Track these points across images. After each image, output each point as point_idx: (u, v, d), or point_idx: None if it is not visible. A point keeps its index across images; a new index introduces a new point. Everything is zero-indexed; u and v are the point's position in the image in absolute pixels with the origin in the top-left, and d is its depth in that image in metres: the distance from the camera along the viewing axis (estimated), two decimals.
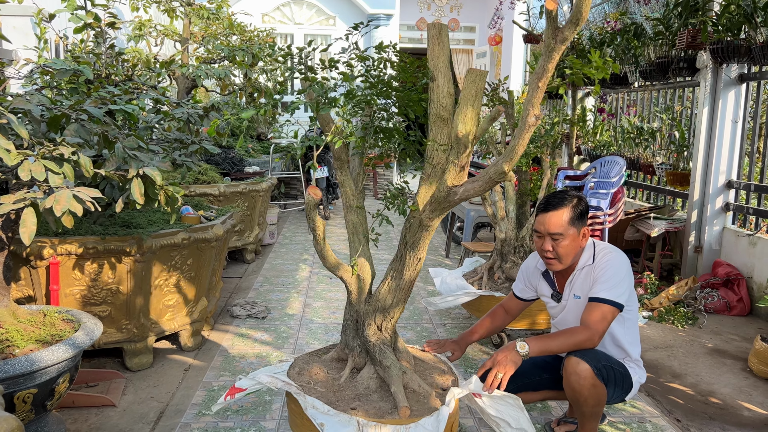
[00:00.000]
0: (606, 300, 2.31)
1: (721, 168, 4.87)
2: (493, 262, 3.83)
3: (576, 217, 2.40)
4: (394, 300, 2.19)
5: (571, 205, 2.40)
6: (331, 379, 2.21)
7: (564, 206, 2.40)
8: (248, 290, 4.86)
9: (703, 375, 3.45)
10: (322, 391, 2.13)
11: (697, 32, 4.61)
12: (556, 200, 2.43)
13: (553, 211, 2.40)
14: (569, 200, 2.42)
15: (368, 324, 2.21)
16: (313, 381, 2.19)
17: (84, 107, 2.33)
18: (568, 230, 2.39)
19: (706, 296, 4.51)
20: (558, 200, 2.42)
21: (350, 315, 2.29)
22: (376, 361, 2.18)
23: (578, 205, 2.42)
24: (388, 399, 2.08)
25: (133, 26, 5.41)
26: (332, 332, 3.95)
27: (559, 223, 2.38)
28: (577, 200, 2.43)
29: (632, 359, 2.49)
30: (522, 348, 2.21)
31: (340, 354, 2.34)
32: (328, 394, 2.12)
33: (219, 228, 3.59)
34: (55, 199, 1.87)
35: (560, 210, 2.39)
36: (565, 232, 2.39)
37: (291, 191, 9.51)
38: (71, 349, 2.26)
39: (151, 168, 2.30)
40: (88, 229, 3.14)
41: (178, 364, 3.45)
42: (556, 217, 2.39)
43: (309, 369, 2.27)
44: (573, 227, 2.39)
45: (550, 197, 2.46)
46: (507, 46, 11.42)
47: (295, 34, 11.71)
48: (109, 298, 3.18)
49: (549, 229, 2.40)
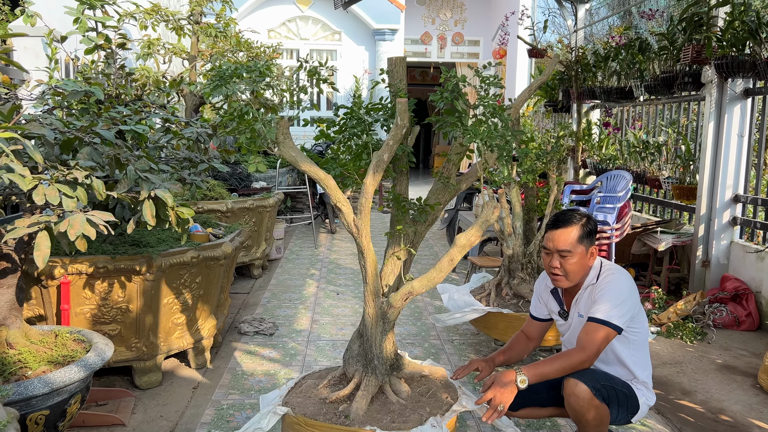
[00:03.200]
0: (602, 321, 2.30)
1: (727, 182, 4.87)
2: (501, 279, 3.84)
3: (584, 236, 2.42)
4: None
5: (580, 224, 2.42)
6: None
7: (573, 224, 2.42)
8: (256, 306, 4.87)
9: (713, 392, 3.43)
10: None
11: (702, 47, 4.63)
12: (565, 218, 2.45)
13: (562, 228, 2.42)
14: (579, 218, 2.44)
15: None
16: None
17: (96, 130, 2.37)
18: (576, 248, 2.40)
19: (714, 311, 4.49)
20: (567, 218, 2.44)
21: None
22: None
23: (587, 224, 2.44)
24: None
25: (142, 45, 5.47)
26: (340, 349, 3.95)
27: (568, 240, 2.40)
28: (586, 219, 2.45)
29: (639, 381, 2.48)
30: (522, 383, 2.20)
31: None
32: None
33: (227, 246, 3.61)
34: (69, 223, 1.89)
35: (569, 227, 2.41)
36: (573, 250, 2.40)
37: (297, 205, 9.55)
38: (83, 371, 2.28)
39: (162, 190, 2.32)
40: (98, 248, 3.17)
41: (187, 382, 3.46)
42: (565, 234, 2.41)
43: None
44: (581, 245, 2.41)
45: (560, 215, 2.49)
46: (511, 60, 11.48)
47: (301, 49, 11.80)
48: (118, 317, 3.20)
49: (557, 246, 2.41)
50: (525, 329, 2.75)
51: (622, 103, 6.57)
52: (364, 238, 2.20)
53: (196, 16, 5.82)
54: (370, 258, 2.23)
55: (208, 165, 3.49)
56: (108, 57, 3.68)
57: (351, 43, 11.73)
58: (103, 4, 3.54)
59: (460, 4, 13.13)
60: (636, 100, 6.26)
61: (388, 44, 11.46)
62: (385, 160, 2.16)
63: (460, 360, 3.81)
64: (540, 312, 2.71)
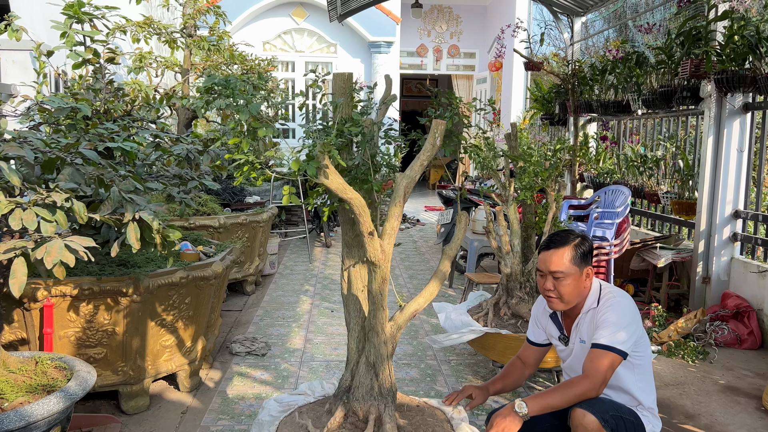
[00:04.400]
0: (607, 347, 2.22)
1: (727, 197, 4.81)
2: (499, 298, 3.75)
3: (578, 257, 2.34)
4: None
5: (573, 244, 2.34)
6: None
7: (566, 245, 2.34)
8: (248, 324, 4.77)
9: (717, 415, 3.34)
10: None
11: (701, 62, 4.58)
12: (558, 238, 2.37)
13: (554, 249, 2.34)
14: (572, 239, 2.36)
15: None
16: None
17: (79, 150, 2.28)
18: (569, 269, 2.32)
19: (716, 329, 4.41)
20: (561, 239, 2.37)
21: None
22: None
23: (581, 244, 2.36)
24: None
25: (134, 58, 5.40)
26: (334, 370, 3.85)
27: (561, 262, 2.32)
28: (580, 240, 2.37)
29: (645, 407, 2.40)
30: (520, 408, 2.13)
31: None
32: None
33: (218, 265, 3.52)
34: (46, 249, 1.80)
35: (562, 249, 2.33)
36: (567, 272, 2.32)
37: (292, 218, 9.45)
38: (63, 401, 2.18)
39: (147, 212, 2.23)
40: (83, 269, 3.07)
41: (175, 406, 3.35)
42: (557, 255, 2.33)
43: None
44: (575, 266, 2.33)
45: (554, 235, 2.41)
46: (507, 72, 11.45)
47: (296, 62, 11.76)
48: (104, 340, 3.10)
49: (550, 268, 2.34)
50: (521, 355, 2.66)
51: (619, 116, 6.52)
52: (387, 264, 2.12)
53: (189, 29, 5.76)
54: (386, 285, 2.16)
55: (199, 182, 3.41)
56: (96, 72, 3.60)
57: (347, 56, 11.69)
58: (91, 18, 3.46)
59: (456, 16, 13.13)
60: (633, 114, 6.21)
61: (384, 57, 11.43)
62: (415, 179, 2.09)
63: (457, 382, 3.71)
64: (538, 336, 2.62)
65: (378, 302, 2.13)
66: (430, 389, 3.60)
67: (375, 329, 2.15)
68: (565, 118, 7.53)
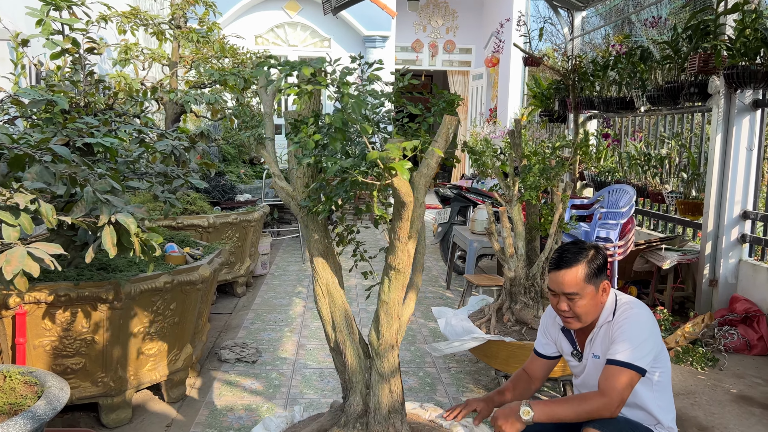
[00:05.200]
0: (624, 363, 2.04)
1: (735, 198, 4.64)
2: (502, 303, 3.56)
3: (593, 273, 2.14)
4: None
5: (586, 261, 2.14)
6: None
7: (579, 262, 2.14)
8: (238, 329, 4.57)
9: (732, 428, 3.17)
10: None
11: (710, 56, 4.41)
12: (569, 255, 2.16)
13: (566, 269, 2.14)
14: (584, 254, 2.16)
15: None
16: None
17: (50, 146, 2.08)
18: (584, 289, 2.13)
19: (725, 335, 4.24)
20: (572, 255, 2.16)
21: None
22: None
23: (595, 258, 2.16)
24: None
25: (119, 50, 5.17)
26: (328, 378, 3.66)
27: (574, 281, 2.13)
28: (593, 253, 2.18)
29: (664, 426, 2.22)
30: (526, 414, 1.97)
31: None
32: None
33: (206, 269, 3.32)
34: (5, 258, 1.60)
35: (575, 267, 2.13)
36: (582, 291, 2.13)
37: (285, 216, 9.24)
38: (30, 424, 1.97)
39: (124, 214, 2.03)
40: (60, 274, 2.86)
41: (159, 418, 3.15)
42: (570, 275, 2.13)
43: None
44: (590, 284, 2.14)
45: (563, 252, 2.20)
46: (504, 68, 11.27)
47: (289, 56, 11.52)
48: (83, 349, 2.89)
49: (563, 289, 2.14)
50: (528, 367, 2.47)
51: (621, 113, 6.34)
52: (410, 270, 1.95)
53: (178, 21, 5.54)
54: (403, 292, 1.99)
55: (185, 181, 3.20)
56: (75, 62, 3.38)
57: (341, 50, 11.47)
58: (70, 5, 3.24)
59: (452, 11, 12.93)
60: (636, 111, 6.03)
61: (379, 51, 11.22)
62: (431, 176, 1.88)
63: (458, 391, 3.53)
64: (547, 349, 2.44)
65: (394, 312, 1.94)
66: (430, 399, 3.42)
67: (389, 342, 1.96)
68: (565, 115, 7.35)
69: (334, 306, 2.03)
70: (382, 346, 1.93)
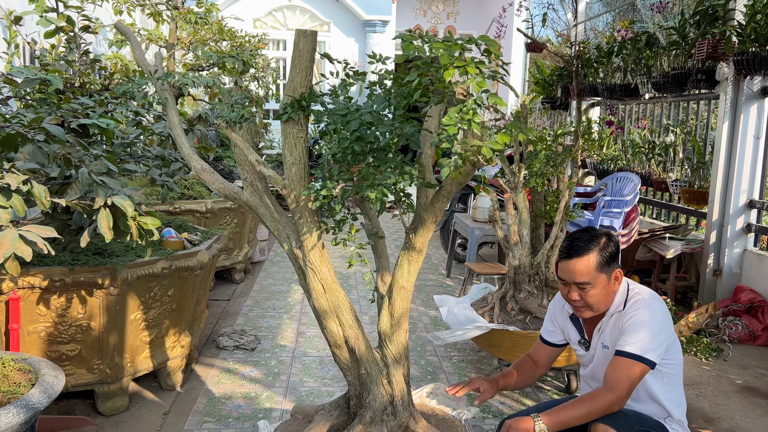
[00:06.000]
0: (632, 355, 1.98)
1: (742, 186, 4.58)
2: (506, 291, 3.50)
3: (605, 262, 2.06)
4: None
5: (598, 248, 2.06)
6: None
7: (590, 250, 2.05)
8: (236, 315, 4.50)
9: (738, 419, 3.14)
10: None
11: (718, 42, 4.32)
12: (580, 243, 2.08)
13: (577, 258, 2.05)
14: (596, 242, 2.07)
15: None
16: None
17: (43, 125, 1.99)
18: (596, 278, 2.05)
19: (729, 325, 4.20)
20: (583, 243, 2.07)
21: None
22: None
23: (607, 246, 2.08)
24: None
25: (116, 30, 5.05)
26: (328, 367, 3.61)
27: (586, 270, 2.05)
28: (605, 240, 2.09)
29: (675, 419, 2.16)
30: (540, 427, 1.90)
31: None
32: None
33: (204, 255, 3.24)
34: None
35: (586, 255, 2.05)
36: (594, 281, 2.05)
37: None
38: (23, 413, 1.91)
39: (121, 197, 1.96)
40: (54, 259, 2.78)
41: (156, 406, 3.10)
42: (581, 264, 2.05)
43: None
44: (602, 273, 2.06)
45: (575, 239, 2.11)
46: (506, 54, 11.14)
47: (288, 40, 11.38)
48: (78, 336, 2.83)
49: (574, 278, 2.07)
50: (533, 353, 2.41)
51: (625, 100, 6.26)
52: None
53: (175, 1, 5.42)
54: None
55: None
56: (70, 41, 3.28)
57: (340, 35, 11.33)
58: None
59: None
60: (641, 98, 5.95)
61: (379, 36, 11.08)
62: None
63: (459, 380, 3.46)
64: (553, 336, 2.37)
65: (407, 296, 1.89)
66: None
67: (403, 327, 1.90)
68: (567, 102, 7.26)
69: (337, 301, 1.95)
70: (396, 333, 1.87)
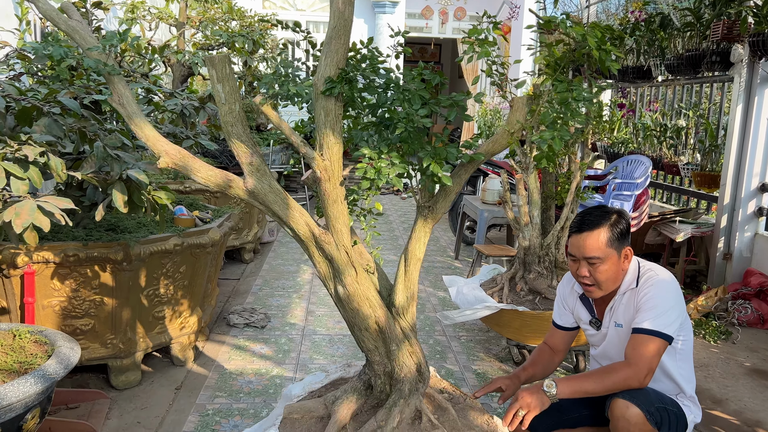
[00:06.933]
0: (652, 331, 1.98)
1: (754, 170, 4.55)
2: (515, 272, 3.51)
3: (616, 238, 2.07)
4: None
5: (609, 224, 2.07)
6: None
7: (601, 226, 2.06)
8: (246, 294, 4.54)
9: (746, 401, 3.14)
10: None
11: (734, 23, 4.26)
12: (592, 218, 2.09)
13: (588, 232, 2.06)
14: (607, 218, 2.08)
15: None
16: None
17: (58, 98, 2.00)
18: (607, 253, 2.06)
19: (738, 308, 4.20)
20: (595, 218, 2.09)
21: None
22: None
23: (618, 222, 2.09)
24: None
25: (126, 8, 5.04)
26: (337, 345, 3.63)
27: (596, 246, 2.06)
28: (616, 217, 2.10)
29: (686, 396, 2.18)
30: (549, 387, 1.92)
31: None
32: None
33: (215, 232, 3.26)
34: (15, 211, 1.54)
35: (597, 230, 2.06)
36: (604, 256, 2.06)
37: (291, 184, 9.17)
38: (41, 382, 1.94)
39: (136, 171, 1.97)
40: (68, 234, 2.81)
41: (169, 381, 3.13)
42: (591, 239, 2.06)
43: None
44: (612, 249, 2.07)
45: (586, 215, 2.13)
46: (516, 36, 11.03)
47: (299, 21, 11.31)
48: (92, 311, 2.86)
49: (584, 253, 2.07)
50: (548, 340, 2.42)
51: (638, 83, 6.20)
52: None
53: None
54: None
55: (195, 142, 3.13)
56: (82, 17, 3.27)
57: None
58: None
59: None
60: (653, 81, 5.89)
61: (389, 17, 11.00)
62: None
63: (468, 360, 3.50)
64: (565, 320, 2.38)
65: (419, 267, 1.92)
66: (440, 367, 3.39)
67: (415, 298, 1.91)
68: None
69: (368, 283, 1.88)
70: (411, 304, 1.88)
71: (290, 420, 1.90)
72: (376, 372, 1.89)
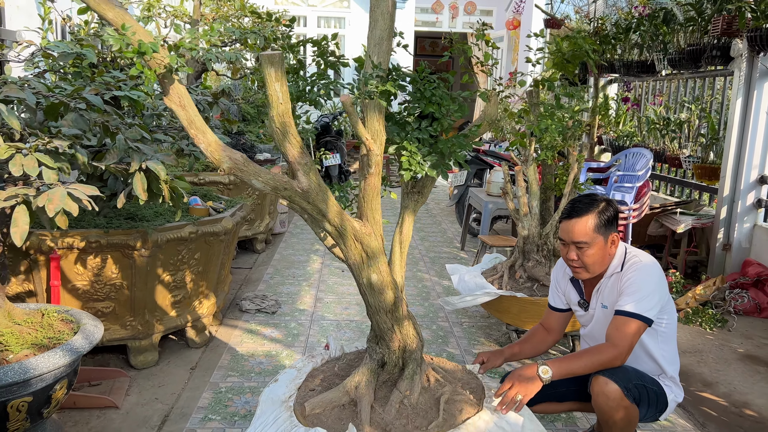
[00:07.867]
0: (632, 314, 2.13)
1: (753, 162, 4.64)
2: (515, 260, 3.65)
3: (602, 224, 2.22)
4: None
5: (597, 211, 2.22)
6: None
7: (589, 212, 2.21)
8: (258, 282, 4.72)
9: (736, 384, 3.27)
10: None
11: (733, 19, 4.36)
12: (581, 205, 2.24)
13: (576, 218, 2.22)
14: (595, 205, 2.23)
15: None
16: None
17: (83, 95, 2.17)
18: (594, 238, 2.21)
19: (735, 297, 4.30)
20: (583, 205, 2.24)
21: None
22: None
23: (605, 210, 2.23)
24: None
25: (142, 7, 5.22)
26: (344, 329, 3.80)
27: (584, 231, 2.20)
28: (604, 204, 2.24)
29: (668, 376, 2.32)
30: (545, 373, 2.06)
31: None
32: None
33: (228, 221, 3.43)
34: (48, 197, 1.71)
35: (585, 216, 2.21)
36: (591, 241, 2.21)
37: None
38: (69, 355, 2.12)
39: (154, 162, 2.14)
40: (90, 222, 2.99)
41: (184, 362, 3.32)
42: (580, 224, 2.21)
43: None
44: (599, 235, 2.21)
45: (575, 202, 2.28)
46: (525, 31, 11.10)
47: (308, 17, 11.46)
48: (112, 294, 3.04)
49: (573, 238, 2.22)
50: (543, 321, 2.57)
51: (642, 77, 6.29)
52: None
53: None
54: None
55: None
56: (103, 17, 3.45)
57: (360, 11, 11.38)
58: None
59: None
60: (657, 75, 5.98)
61: (399, 12, 11.10)
62: None
63: (469, 344, 3.65)
64: (559, 302, 2.53)
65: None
66: (442, 351, 3.54)
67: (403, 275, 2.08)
68: (585, 78, 7.29)
69: (392, 269, 2.04)
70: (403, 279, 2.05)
71: (313, 416, 1.95)
72: (392, 349, 2.02)
